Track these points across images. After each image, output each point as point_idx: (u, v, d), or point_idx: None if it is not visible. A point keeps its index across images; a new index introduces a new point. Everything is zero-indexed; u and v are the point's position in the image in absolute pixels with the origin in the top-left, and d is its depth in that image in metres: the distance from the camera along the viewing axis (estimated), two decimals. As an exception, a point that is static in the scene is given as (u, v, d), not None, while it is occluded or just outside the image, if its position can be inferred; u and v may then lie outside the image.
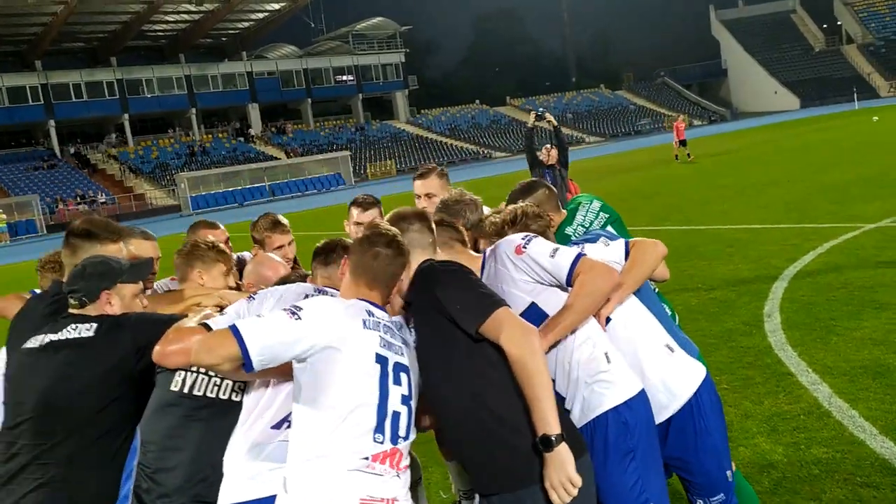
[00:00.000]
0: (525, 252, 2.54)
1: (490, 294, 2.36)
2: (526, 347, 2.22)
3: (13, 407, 2.50)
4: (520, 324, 2.27)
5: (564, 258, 2.51)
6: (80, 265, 2.61)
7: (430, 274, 2.40)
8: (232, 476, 2.29)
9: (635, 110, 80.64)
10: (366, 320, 2.27)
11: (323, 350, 2.18)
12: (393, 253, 2.36)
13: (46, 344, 2.48)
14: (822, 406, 4.64)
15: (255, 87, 67.35)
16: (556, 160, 9.60)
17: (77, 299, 2.55)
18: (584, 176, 23.05)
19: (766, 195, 14.85)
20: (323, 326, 2.19)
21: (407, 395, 2.29)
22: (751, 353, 5.74)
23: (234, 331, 2.14)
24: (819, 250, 8.96)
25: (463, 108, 79.49)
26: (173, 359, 2.34)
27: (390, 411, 2.22)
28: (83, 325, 2.48)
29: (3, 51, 60.95)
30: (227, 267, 2.92)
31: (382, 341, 2.26)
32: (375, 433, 2.19)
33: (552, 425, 2.19)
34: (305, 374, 2.21)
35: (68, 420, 2.41)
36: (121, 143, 62.15)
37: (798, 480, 3.83)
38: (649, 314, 2.77)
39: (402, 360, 2.31)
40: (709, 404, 2.70)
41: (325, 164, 56.92)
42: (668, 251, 2.72)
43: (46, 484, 2.36)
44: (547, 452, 2.19)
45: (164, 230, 33.27)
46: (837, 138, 27.72)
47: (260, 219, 3.82)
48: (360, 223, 3.90)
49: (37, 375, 2.45)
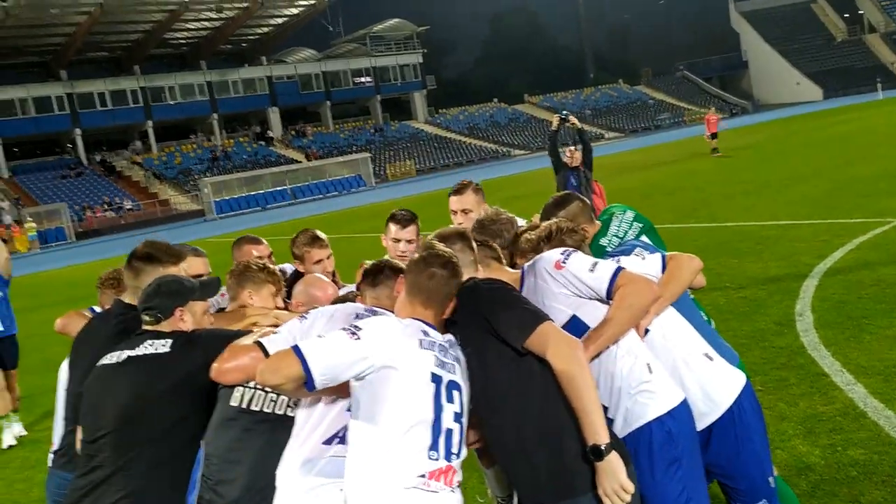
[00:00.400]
0: (564, 267, 2.61)
1: (534, 310, 2.43)
2: (572, 360, 2.28)
3: (92, 421, 2.60)
4: (565, 337, 2.34)
5: (604, 272, 2.57)
6: (154, 283, 2.73)
7: (474, 292, 2.47)
8: (285, 490, 2.37)
9: (654, 105, 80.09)
10: (422, 340, 2.35)
11: (381, 369, 2.27)
12: (448, 274, 2.44)
13: (125, 359, 2.59)
14: (858, 407, 4.64)
15: (275, 91, 67.86)
16: (580, 162, 9.62)
17: (152, 315, 2.67)
18: (605, 172, 22.94)
19: (793, 190, 14.74)
20: (381, 346, 2.28)
21: (459, 413, 2.36)
22: (784, 354, 5.75)
23: (296, 351, 2.24)
24: (849, 246, 8.90)
25: (481, 106, 79.46)
26: (230, 376, 2.45)
27: (444, 429, 2.29)
28: (159, 342, 2.60)
29: (29, 61, 62.01)
30: (276, 288, 3.03)
31: (437, 360, 2.34)
32: (430, 451, 2.26)
33: (602, 435, 2.25)
34: (364, 392, 2.29)
35: (147, 432, 2.51)
36: (145, 150, 62.98)
37: (836, 483, 3.84)
38: (687, 323, 2.82)
39: (455, 378, 2.38)
40: (749, 411, 2.74)
41: (346, 166, 57.22)
42: (694, 249, 2.78)
43: (128, 495, 2.47)
44: (598, 462, 2.24)
45: (190, 235, 33.72)
46: (862, 130, 27.37)
47: (299, 235, 3.90)
48: (399, 239, 3.93)
49: (116, 390, 2.55)
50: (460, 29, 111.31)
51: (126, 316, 2.89)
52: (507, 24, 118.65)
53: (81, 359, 2.96)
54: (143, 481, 2.50)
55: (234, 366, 2.46)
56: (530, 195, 23.86)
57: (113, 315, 2.96)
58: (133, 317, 2.85)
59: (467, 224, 3.81)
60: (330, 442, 2.40)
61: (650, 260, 2.83)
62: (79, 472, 2.60)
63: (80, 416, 2.67)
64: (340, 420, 2.41)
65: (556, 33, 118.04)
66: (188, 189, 55.40)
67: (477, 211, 3.91)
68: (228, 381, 2.49)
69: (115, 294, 3.46)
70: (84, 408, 2.66)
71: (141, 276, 2.88)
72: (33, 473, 6.07)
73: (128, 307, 2.96)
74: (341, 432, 2.40)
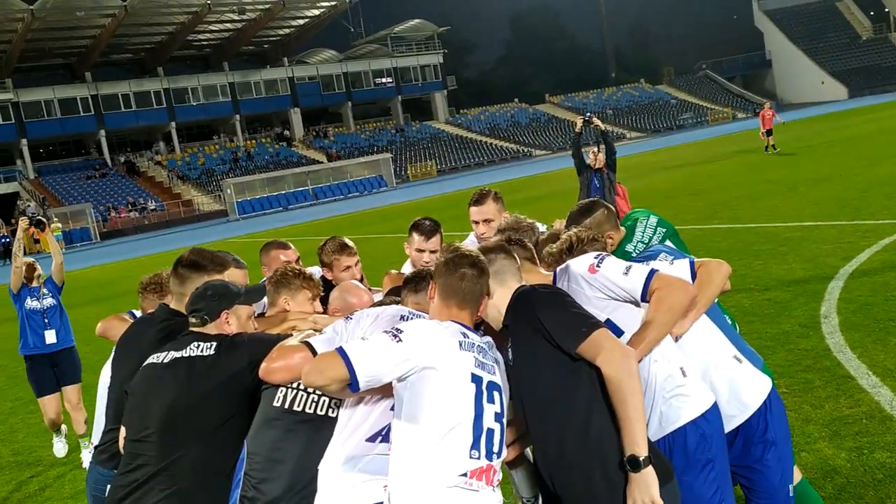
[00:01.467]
0: (598, 271, 2.64)
1: (588, 315, 2.43)
2: (623, 369, 2.29)
3: (137, 419, 2.65)
4: (618, 345, 2.34)
5: (638, 275, 2.60)
6: (201, 287, 2.82)
7: (530, 296, 2.49)
8: (328, 486, 2.42)
9: (677, 104, 79.52)
10: (461, 342, 2.39)
11: (422, 370, 2.32)
12: (477, 272, 2.49)
13: (171, 360, 2.66)
14: (885, 410, 4.62)
15: (297, 92, 68.33)
16: (603, 163, 9.61)
17: (199, 318, 2.74)
18: (628, 174, 22.86)
19: (818, 190, 14.61)
20: (422, 347, 2.33)
21: (499, 413, 2.39)
22: (809, 356, 5.72)
23: (341, 353, 2.31)
24: (875, 248, 8.82)
25: (502, 106, 79.40)
26: (277, 375, 2.51)
27: (485, 428, 2.32)
28: (205, 344, 2.67)
29: (55, 63, 62.99)
30: (312, 293, 3.09)
31: (476, 361, 2.38)
32: (472, 450, 2.29)
33: (641, 447, 2.26)
34: (406, 392, 2.34)
35: (192, 432, 2.57)
36: (168, 151, 63.70)
37: (862, 486, 3.83)
38: (716, 327, 2.84)
39: (495, 378, 2.42)
40: (776, 415, 2.76)
41: (367, 167, 57.48)
42: (717, 250, 2.79)
43: (173, 494, 2.53)
44: (634, 472, 2.26)
45: (213, 235, 34.05)
46: (889, 129, 27.00)
47: (327, 242, 3.90)
48: (423, 250, 3.92)
49: (162, 390, 2.61)
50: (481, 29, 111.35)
51: (171, 321, 2.97)
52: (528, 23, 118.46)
53: (125, 360, 3.03)
54: (187, 481, 2.55)
55: (283, 365, 2.51)
56: (552, 195, 23.84)
57: (158, 319, 3.03)
58: (179, 322, 2.92)
59: (489, 233, 3.83)
60: (374, 440, 2.44)
61: (678, 266, 2.85)
62: (122, 469, 2.65)
63: (126, 414, 2.74)
64: (384, 418, 2.45)
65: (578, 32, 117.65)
66: (211, 190, 55.96)
67: (498, 219, 3.91)
68: (276, 380, 2.54)
69: (158, 298, 3.55)
70: (129, 406, 2.72)
71: (186, 284, 2.96)
72: (64, 470, 6.20)
73: (173, 312, 3.03)
74: (385, 430, 2.45)
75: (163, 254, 26.58)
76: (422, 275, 2.86)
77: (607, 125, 70.07)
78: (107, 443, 3.13)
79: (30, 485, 6.04)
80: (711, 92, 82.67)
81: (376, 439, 2.43)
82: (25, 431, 7.61)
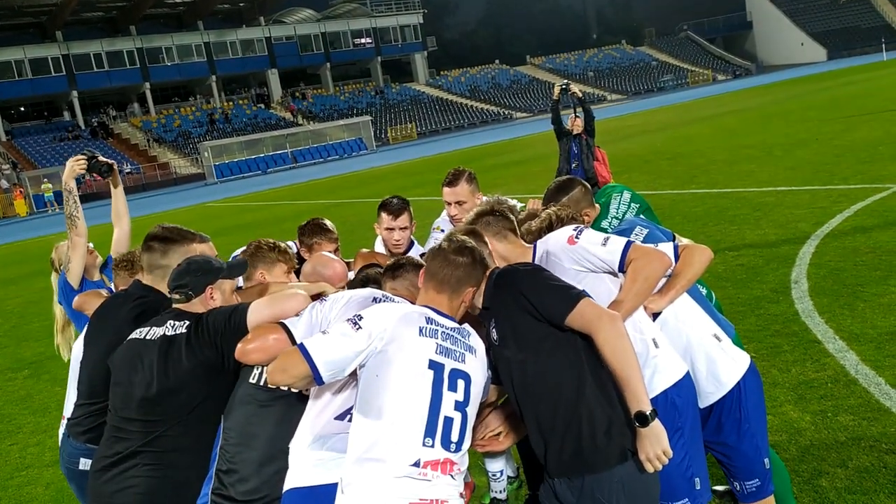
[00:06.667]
0: (577, 242, 2.69)
1: (570, 286, 2.47)
2: (613, 332, 2.33)
3: (121, 395, 2.68)
4: (605, 311, 2.39)
5: (616, 246, 2.66)
6: (183, 263, 2.77)
7: (512, 276, 2.51)
8: (298, 462, 2.46)
9: (658, 66, 79.29)
10: (423, 327, 2.37)
11: (377, 354, 2.34)
12: (461, 258, 2.48)
13: (152, 338, 2.66)
14: (849, 374, 4.75)
15: (274, 52, 67.19)
16: (581, 129, 9.63)
17: (184, 293, 2.70)
18: (608, 137, 22.85)
19: (793, 155, 14.73)
20: (379, 332, 2.34)
21: (462, 402, 2.35)
22: (778, 321, 5.85)
23: (302, 350, 2.33)
24: (847, 213, 8.96)
25: (483, 68, 78.69)
26: (253, 356, 2.52)
27: (442, 416, 2.30)
28: (179, 323, 2.66)
29: (24, 22, 61.24)
30: (287, 266, 3.10)
31: (439, 347, 2.36)
32: (426, 437, 2.27)
33: (645, 402, 2.31)
34: (362, 376, 2.37)
35: (174, 410, 2.60)
36: (143, 113, 62.54)
37: (825, 447, 3.96)
38: (696, 304, 2.90)
39: (462, 367, 2.38)
40: (752, 392, 2.83)
41: (346, 130, 56.93)
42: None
43: (155, 468, 2.58)
44: (643, 427, 2.31)
45: (192, 199, 33.72)
46: (865, 92, 27.18)
47: (310, 224, 3.77)
48: (392, 228, 3.93)
49: (144, 368, 2.62)
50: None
51: (146, 298, 2.97)
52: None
53: (98, 336, 3.03)
54: (169, 456, 2.59)
55: (258, 346, 2.50)
56: (532, 159, 23.80)
57: (132, 297, 3.03)
58: (153, 299, 2.92)
59: (461, 215, 3.83)
60: (342, 418, 2.47)
61: (662, 248, 2.87)
62: (105, 440, 2.70)
63: (110, 389, 2.75)
64: (353, 397, 2.47)
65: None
66: (188, 152, 55.19)
67: (471, 201, 3.90)
68: (252, 361, 2.54)
69: (130, 276, 3.54)
70: (113, 380, 2.73)
71: (158, 258, 2.97)
72: (44, 438, 6.23)
73: (146, 288, 3.03)
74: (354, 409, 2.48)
75: (141, 217, 26.26)
76: (401, 263, 2.88)
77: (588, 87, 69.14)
78: (79, 417, 3.14)
79: (11, 453, 6.07)
80: (692, 53, 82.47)
81: (345, 417, 2.46)
82: (4, 399, 7.61)
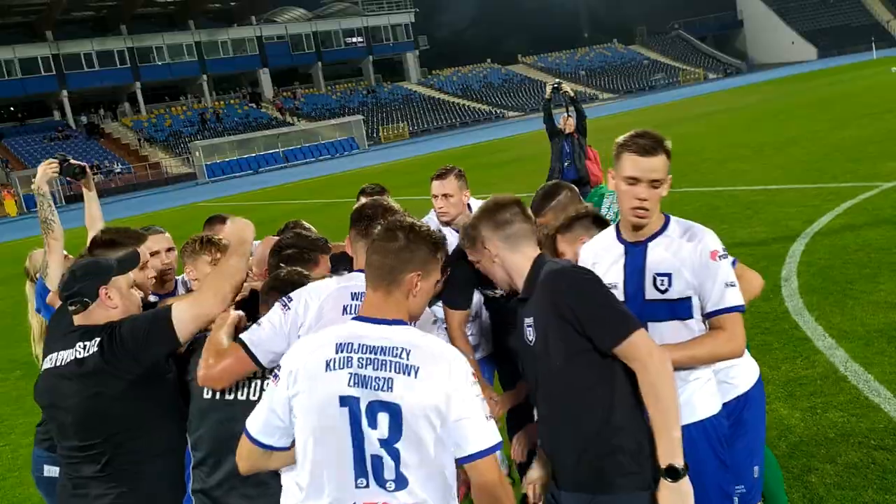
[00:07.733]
0: (719, 261, 2.52)
1: (627, 312, 2.25)
2: (661, 376, 2.17)
3: (56, 429, 2.52)
4: (656, 349, 2.20)
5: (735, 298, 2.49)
6: (68, 272, 2.54)
7: (561, 279, 2.28)
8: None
9: (649, 65, 79.48)
10: (330, 360, 2.02)
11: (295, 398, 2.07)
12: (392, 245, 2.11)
13: (62, 365, 2.46)
14: (839, 371, 4.79)
15: (266, 52, 66.99)
16: (573, 128, 9.65)
17: (79, 302, 2.47)
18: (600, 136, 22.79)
19: (784, 153, 14.81)
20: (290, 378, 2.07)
21: (386, 439, 1.98)
22: (769, 319, 5.89)
23: (240, 343, 2.36)
24: (836, 211, 9.02)
25: (474, 67, 78.68)
26: (222, 382, 2.40)
27: (368, 455, 1.99)
28: (89, 343, 2.44)
29: (14, 22, 60.87)
30: (211, 258, 3.06)
31: (353, 378, 2.00)
32: (357, 478, 1.99)
33: (679, 455, 2.18)
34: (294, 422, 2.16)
35: (114, 430, 2.43)
36: (134, 112, 62.27)
37: (814, 444, 4.00)
38: None
39: (385, 396, 1.98)
40: (756, 400, 2.85)
41: (338, 129, 56.83)
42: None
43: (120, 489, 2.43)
44: (672, 482, 2.17)
45: (183, 199, 33.57)
46: (855, 91, 27.34)
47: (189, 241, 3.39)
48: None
49: (64, 402, 2.44)
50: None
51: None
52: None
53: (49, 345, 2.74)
54: (131, 472, 2.45)
55: (222, 370, 2.36)
56: (524, 158, 23.81)
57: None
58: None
59: (448, 209, 3.93)
60: None
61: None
62: (63, 469, 2.55)
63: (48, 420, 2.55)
64: None
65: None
66: (179, 152, 54.98)
67: (458, 196, 3.96)
68: (222, 386, 2.41)
69: None
70: (44, 415, 2.56)
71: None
72: (36, 438, 6.21)
73: None
74: None
75: (131, 218, 26.20)
76: (365, 213, 2.61)
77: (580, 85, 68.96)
78: (42, 423, 3.09)
79: (3, 453, 6.05)
80: (683, 52, 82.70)
81: None
82: (-5, 400, 7.58)
